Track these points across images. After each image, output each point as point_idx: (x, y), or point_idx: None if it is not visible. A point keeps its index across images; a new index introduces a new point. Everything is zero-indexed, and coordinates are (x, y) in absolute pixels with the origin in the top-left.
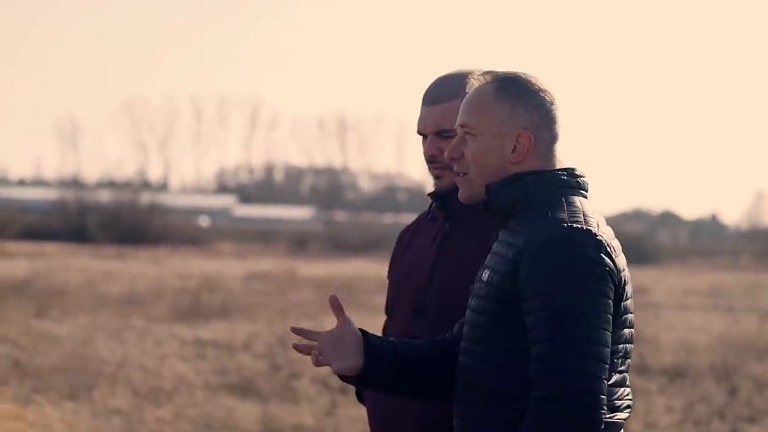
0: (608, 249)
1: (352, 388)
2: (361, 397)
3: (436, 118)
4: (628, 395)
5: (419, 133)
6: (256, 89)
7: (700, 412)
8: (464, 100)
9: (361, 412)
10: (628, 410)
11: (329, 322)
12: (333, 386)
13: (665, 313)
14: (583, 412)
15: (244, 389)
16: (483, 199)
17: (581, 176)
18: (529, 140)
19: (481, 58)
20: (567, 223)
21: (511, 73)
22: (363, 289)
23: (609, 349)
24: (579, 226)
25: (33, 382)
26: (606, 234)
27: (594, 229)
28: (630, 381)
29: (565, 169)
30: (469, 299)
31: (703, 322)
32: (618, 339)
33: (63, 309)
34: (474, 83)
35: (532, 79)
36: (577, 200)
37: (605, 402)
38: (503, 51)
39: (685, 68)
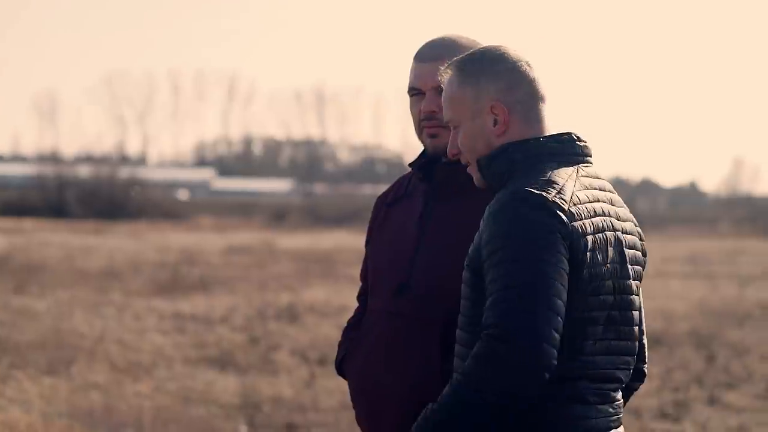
0: (558, 212)
1: (330, 360)
2: (341, 371)
3: (437, 73)
4: (621, 366)
5: (412, 90)
6: (234, 63)
7: (678, 379)
8: (442, 97)
9: (339, 383)
10: (617, 383)
11: (308, 295)
12: (311, 358)
13: (644, 281)
14: (524, 354)
15: (223, 362)
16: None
17: (573, 140)
18: (503, 109)
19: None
20: (523, 188)
21: (468, 54)
22: (343, 260)
23: (562, 302)
24: (531, 189)
25: (11, 357)
26: (570, 197)
27: (547, 194)
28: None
29: (552, 135)
30: None
31: (682, 289)
32: (592, 306)
33: (42, 284)
34: (443, 77)
35: (489, 50)
36: (555, 168)
37: (552, 354)
38: (484, 22)
39: (663, 38)
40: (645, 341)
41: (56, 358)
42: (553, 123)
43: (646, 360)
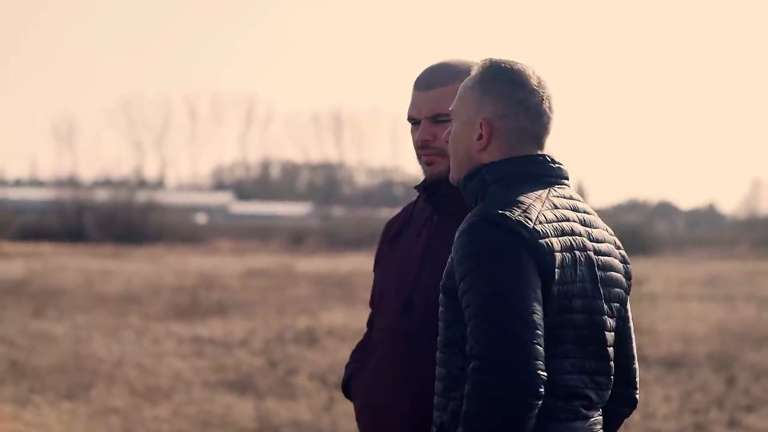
0: (520, 230)
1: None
2: (347, 391)
3: (432, 102)
4: (591, 386)
5: (411, 119)
6: (251, 86)
7: (698, 402)
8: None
9: None
10: (585, 400)
11: (327, 318)
12: (330, 382)
13: (663, 303)
14: (514, 378)
15: (242, 386)
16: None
17: (546, 162)
18: (488, 129)
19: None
20: (487, 210)
21: (498, 62)
22: (361, 283)
23: (539, 315)
24: (493, 210)
25: (30, 382)
26: (537, 217)
27: (510, 213)
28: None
29: (526, 157)
30: None
31: (701, 311)
32: (560, 324)
33: (60, 309)
34: (476, 69)
35: (515, 70)
36: (526, 189)
37: (541, 367)
38: (499, 45)
39: (680, 59)
40: (635, 366)
41: (75, 383)
42: (569, 145)
43: (637, 386)
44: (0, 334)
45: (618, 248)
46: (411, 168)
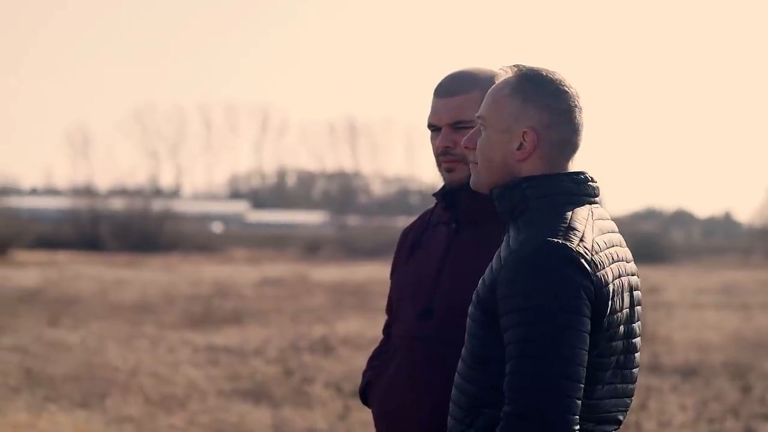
0: (584, 264)
1: None
2: (365, 398)
3: (452, 109)
4: (622, 408)
5: (431, 126)
6: (265, 95)
7: (714, 411)
8: (488, 91)
9: None
10: (616, 425)
11: (342, 327)
12: (346, 391)
13: (678, 311)
14: (547, 429)
15: (257, 395)
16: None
17: (587, 181)
18: (534, 140)
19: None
20: (545, 239)
21: (536, 70)
22: (377, 292)
23: (583, 368)
24: (555, 240)
25: (45, 390)
26: (592, 246)
27: (571, 243)
28: (638, 384)
29: (568, 174)
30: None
31: (717, 320)
32: (605, 351)
33: (75, 317)
34: (502, 75)
35: (555, 79)
36: (571, 210)
37: (575, 422)
38: (513, 54)
39: (696, 66)
40: None
41: (90, 391)
42: (585, 153)
43: None
44: (15, 343)
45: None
46: (426, 176)
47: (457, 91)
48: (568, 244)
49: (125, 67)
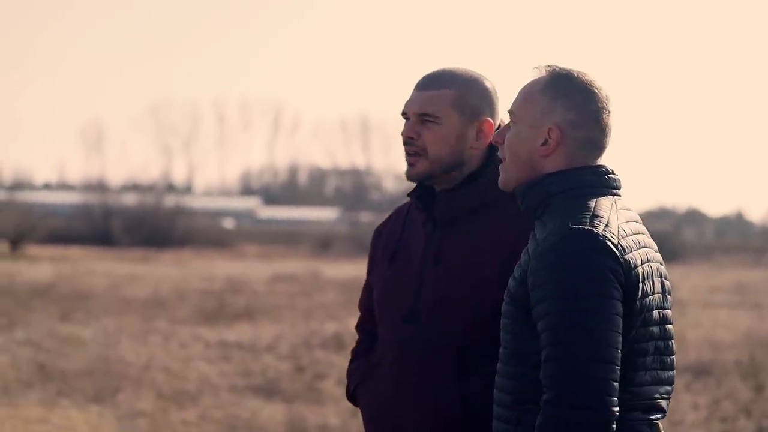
0: (612, 247)
1: None
2: (353, 398)
3: (422, 101)
4: (665, 395)
5: (403, 114)
6: (278, 92)
7: (726, 410)
8: (520, 88)
9: None
10: (662, 413)
11: (354, 324)
12: None
13: (691, 310)
14: (588, 414)
15: (269, 391)
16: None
17: (607, 173)
18: (558, 137)
19: (500, 58)
20: (570, 226)
21: (567, 70)
22: None
23: (617, 350)
24: (581, 227)
25: (58, 385)
26: (618, 231)
27: (597, 229)
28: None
29: (589, 168)
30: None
31: (729, 319)
32: (641, 337)
33: (88, 312)
34: (534, 73)
35: (586, 80)
36: (594, 200)
37: (613, 403)
38: (527, 54)
39: (709, 65)
40: None
41: (102, 386)
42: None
43: None
44: (28, 338)
45: None
46: None
47: (431, 86)
48: (594, 230)
49: (140, 63)
